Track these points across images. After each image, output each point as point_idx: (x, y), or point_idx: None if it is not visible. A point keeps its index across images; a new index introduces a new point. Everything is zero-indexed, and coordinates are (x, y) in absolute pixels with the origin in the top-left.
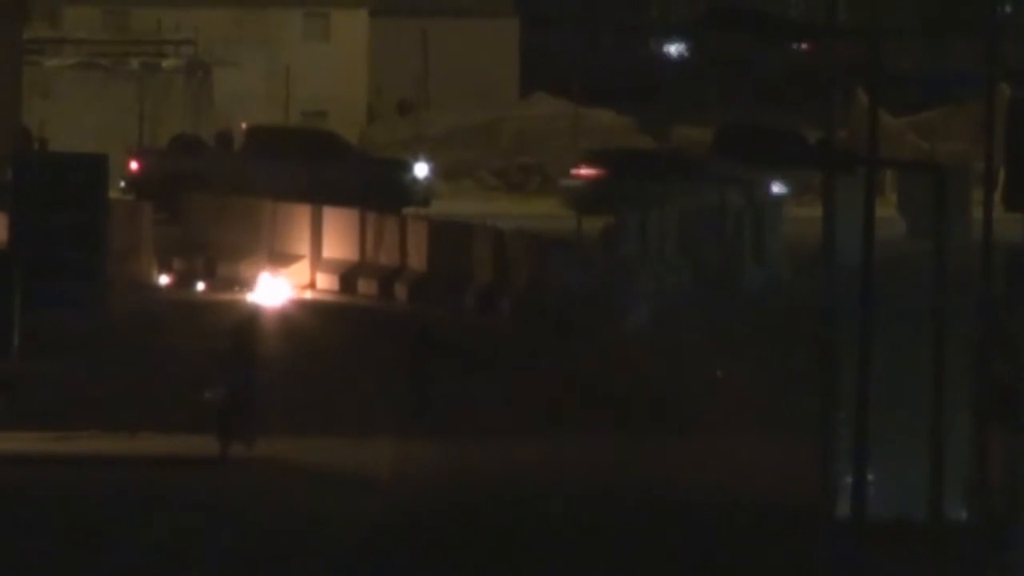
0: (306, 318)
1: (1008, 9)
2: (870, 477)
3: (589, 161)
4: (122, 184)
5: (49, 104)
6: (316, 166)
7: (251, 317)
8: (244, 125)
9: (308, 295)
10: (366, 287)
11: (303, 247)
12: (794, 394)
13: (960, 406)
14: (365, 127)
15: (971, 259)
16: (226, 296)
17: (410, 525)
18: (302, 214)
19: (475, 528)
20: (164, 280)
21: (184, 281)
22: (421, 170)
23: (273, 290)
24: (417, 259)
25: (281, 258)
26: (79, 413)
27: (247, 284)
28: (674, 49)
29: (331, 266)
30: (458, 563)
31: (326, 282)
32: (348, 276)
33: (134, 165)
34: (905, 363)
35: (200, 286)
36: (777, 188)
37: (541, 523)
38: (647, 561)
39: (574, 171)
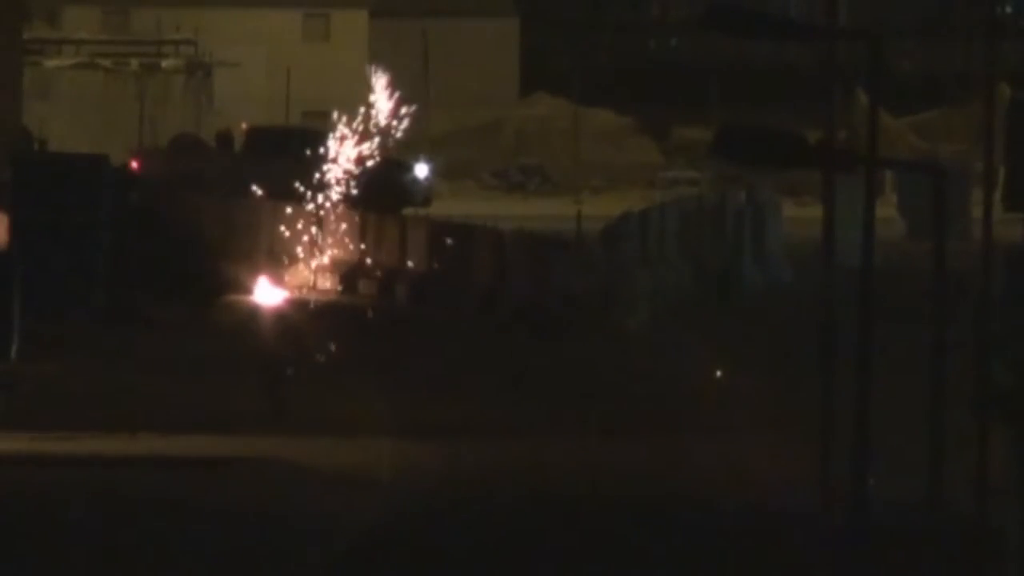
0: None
1: (1008, 9)
2: (870, 479)
3: None
4: None
5: (49, 104)
6: (315, 166)
7: None
8: (244, 125)
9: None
10: (366, 287)
11: (303, 247)
12: (794, 395)
13: (960, 406)
14: None
15: (971, 259)
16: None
17: (410, 525)
18: (302, 214)
19: (473, 528)
20: None
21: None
22: (421, 170)
23: (271, 291)
24: (417, 259)
25: (281, 258)
26: (79, 413)
27: (246, 285)
28: (674, 49)
29: (331, 266)
30: (458, 563)
31: (326, 282)
32: (348, 276)
33: (134, 165)
34: (905, 363)
35: None
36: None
37: (539, 523)
38: (645, 562)
39: None
